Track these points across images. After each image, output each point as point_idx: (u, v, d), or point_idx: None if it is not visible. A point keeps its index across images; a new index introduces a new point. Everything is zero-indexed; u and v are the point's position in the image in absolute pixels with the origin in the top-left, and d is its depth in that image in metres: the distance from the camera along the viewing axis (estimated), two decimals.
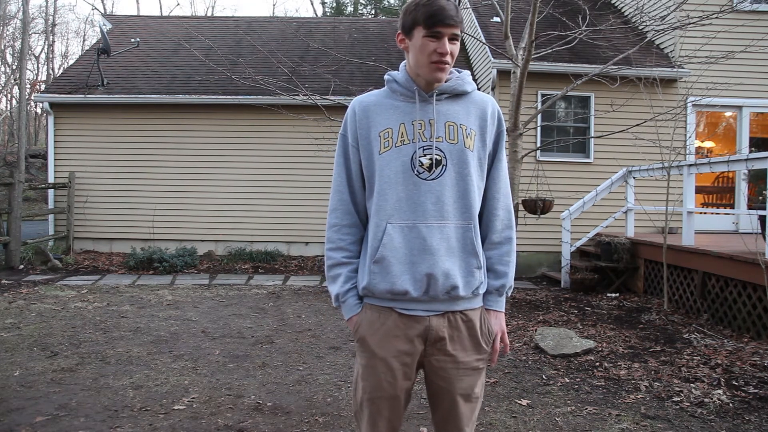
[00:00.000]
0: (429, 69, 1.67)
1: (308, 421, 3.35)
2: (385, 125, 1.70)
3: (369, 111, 1.74)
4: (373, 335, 1.72)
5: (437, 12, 1.62)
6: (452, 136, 1.69)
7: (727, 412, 3.55)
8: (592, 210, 8.20)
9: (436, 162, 1.67)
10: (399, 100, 1.74)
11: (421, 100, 1.71)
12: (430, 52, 1.65)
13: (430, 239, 1.65)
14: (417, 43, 1.66)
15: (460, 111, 1.72)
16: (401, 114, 1.71)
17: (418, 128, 1.69)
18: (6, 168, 21.00)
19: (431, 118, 1.69)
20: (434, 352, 1.72)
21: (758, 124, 9.75)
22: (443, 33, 1.64)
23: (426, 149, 1.67)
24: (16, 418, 3.33)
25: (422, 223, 1.66)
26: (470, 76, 1.79)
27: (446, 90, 1.72)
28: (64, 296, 6.80)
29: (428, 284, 1.66)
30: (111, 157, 10.22)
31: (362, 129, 1.73)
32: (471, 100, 1.76)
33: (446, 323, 1.71)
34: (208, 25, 13.86)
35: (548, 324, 5.70)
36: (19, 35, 27.38)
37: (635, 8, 9.90)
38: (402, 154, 1.68)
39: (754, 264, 5.05)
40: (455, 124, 1.70)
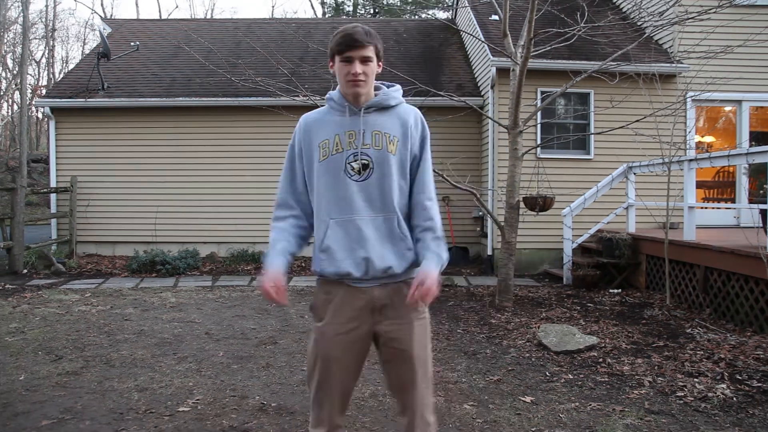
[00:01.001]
0: (347, 86, 1.98)
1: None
2: (324, 137, 2.02)
3: (311, 125, 2.06)
4: (325, 305, 2.02)
5: (344, 40, 1.95)
6: (377, 143, 2.00)
7: (731, 407, 3.56)
8: (593, 206, 8.20)
9: (364, 166, 1.98)
10: (335, 115, 2.05)
11: (351, 114, 2.02)
12: (345, 74, 1.97)
13: (365, 229, 1.97)
14: (337, 68, 2.00)
15: (386, 121, 2.03)
16: (336, 126, 2.02)
17: (350, 138, 2.00)
18: (8, 173, 21.04)
19: (361, 129, 2.00)
20: (381, 319, 2.01)
21: (758, 118, 9.74)
22: (353, 57, 1.95)
23: (356, 155, 1.99)
24: (21, 422, 3.34)
25: (356, 216, 1.97)
26: (398, 92, 2.10)
27: (374, 104, 2.03)
28: (67, 300, 6.82)
29: (367, 266, 1.97)
30: (112, 160, 10.25)
31: (305, 141, 2.06)
32: (396, 112, 2.06)
33: (387, 292, 2.00)
34: (207, 27, 13.89)
35: (551, 321, 5.70)
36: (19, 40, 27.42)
37: (633, 4, 9.89)
38: (337, 160, 1.99)
39: (756, 258, 5.05)
40: (380, 132, 2.01)
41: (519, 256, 8.57)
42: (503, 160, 8.44)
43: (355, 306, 1.99)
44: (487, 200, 8.93)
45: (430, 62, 11.24)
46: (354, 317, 1.99)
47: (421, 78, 9.51)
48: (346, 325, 1.99)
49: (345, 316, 1.99)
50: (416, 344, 2.01)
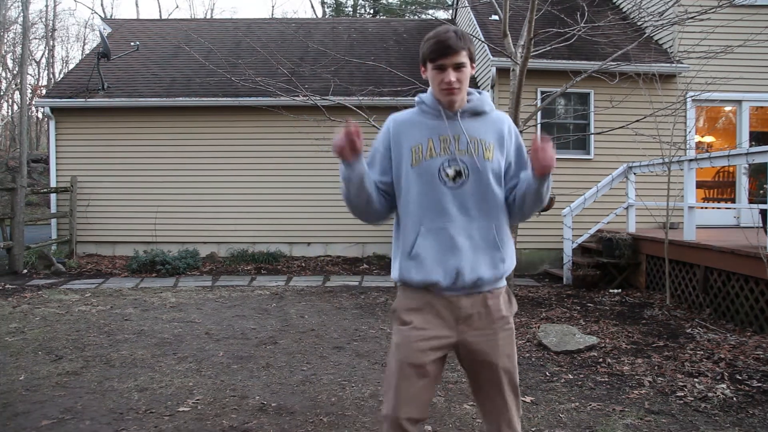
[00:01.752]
0: (441, 95, 1.94)
1: (313, 421, 3.37)
2: (416, 141, 1.96)
3: (401, 127, 1.99)
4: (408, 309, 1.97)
5: (437, 48, 1.89)
6: (473, 149, 1.94)
7: (731, 407, 3.56)
8: (593, 206, 8.20)
9: (458, 172, 1.93)
10: (428, 119, 1.98)
11: (446, 118, 1.96)
12: (438, 82, 1.92)
13: (457, 238, 1.91)
14: (429, 75, 1.95)
15: (480, 127, 1.98)
16: (429, 130, 1.96)
17: (444, 143, 1.94)
18: (8, 173, 21.04)
19: (456, 134, 1.95)
20: (465, 329, 1.95)
21: (758, 118, 9.74)
22: (446, 65, 1.89)
23: (451, 161, 1.93)
24: (21, 422, 3.34)
25: (450, 225, 1.92)
26: (489, 97, 2.04)
27: (468, 109, 1.98)
28: (67, 300, 6.82)
29: (456, 277, 1.91)
30: (112, 160, 10.25)
31: (396, 142, 1.98)
32: (489, 118, 2.01)
33: (473, 302, 1.95)
34: (207, 27, 13.89)
35: (551, 321, 5.70)
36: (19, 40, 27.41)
37: (633, 4, 9.89)
38: (430, 166, 1.93)
39: (756, 258, 5.05)
40: (476, 138, 1.96)
41: (519, 256, 8.56)
42: None
43: (441, 314, 1.94)
44: None
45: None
46: (439, 325, 1.94)
47: (421, 78, 9.50)
48: (431, 332, 1.93)
49: (430, 323, 1.93)
50: (501, 354, 1.96)
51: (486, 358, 1.95)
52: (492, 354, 1.95)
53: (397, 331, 1.99)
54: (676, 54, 8.77)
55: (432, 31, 1.96)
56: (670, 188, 6.65)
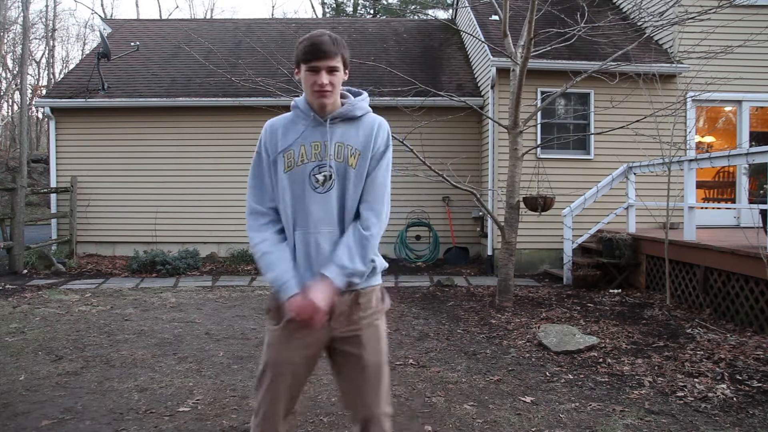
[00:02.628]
0: (313, 96, 1.95)
1: (313, 422, 3.37)
2: (289, 145, 1.99)
3: (277, 132, 2.02)
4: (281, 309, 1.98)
5: (311, 49, 1.90)
6: (339, 155, 1.97)
7: (731, 407, 3.56)
8: (593, 206, 8.20)
9: (326, 177, 1.96)
10: (301, 124, 2.01)
11: (316, 124, 1.99)
12: (311, 84, 1.93)
13: (322, 243, 1.96)
14: (303, 77, 1.96)
15: (350, 132, 2.00)
16: (301, 136, 1.99)
17: (315, 149, 1.97)
18: (8, 173, 21.05)
19: (326, 140, 1.97)
20: (336, 326, 2.00)
21: (758, 119, 9.74)
22: (319, 67, 1.91)
23: (321, 167, 1.96)
24: (22, 422, 3.34)
25: (315, 229, 1.96)
26: (365, 101, 2.06)
27: (339, 115, 1.99)
28: (67, 300, 6.82)
29: None
30: (112, 160, 10.26)
31: (271, 148, 2.02)
32: (361, 123, 2.02)
33: (345, 300, 1.99)
34: (207, 27, 13.89)
35: (551, 321, 5.70)
36: (19, 40, 27.42)
37: (633, 4, 9.89)
38: (302, 171, 1.96)
39: (756, 258, 5.05)
40: (343, 144, 1.98)
41: (519, 256, 8.57)
42: (503, 160, 8.45)
43: None
44: (487, 200, 8.93)
45: (430, 62, 11.25)
46: None
47: (421, 78, 9.51)
48: (302, 331, 1.96)
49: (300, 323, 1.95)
50: (369, 348, 2.01)
51: (354, 351, 2.01)
52: (359, 348, 2.00)
53: (268, 330, 2.04)
54: (676, 54, 8.78)
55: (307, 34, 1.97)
56: (670, 188, 6.65)
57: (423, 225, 10.12)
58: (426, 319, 5.95)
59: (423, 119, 7.13)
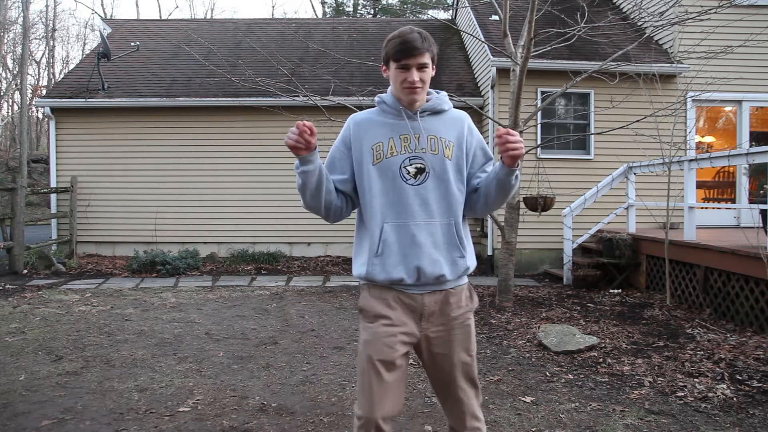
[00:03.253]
0: (403, 93, 1.98)
1: (313, 422, 3.37)
2: (377, 139, 2.00)
3: (361, 126, 2.04)
4: (374, 306, 2.00)
5: (402, 47, 1.92)
6: (434, 147, 1.99)
7: (731, 407, 3.56)
8: (593, 206, 8.20)
9: (420, 170, 1.97)
10: (388, 118, 2.03)
11: (407, 117, 2.00)
12: (401, 81, 1.96)
13: (418, 235, 1.95)
14: (392, 74, 1.99)
15: (440, 126, 2.03)
16: (390, 129, 2.00)
17: (404, 142, 1.98)
18: (8, 173, 21.05)
19: (417, 133, 1.99)
20: (427, 326, 2.01)
21: (758, 119, 9.75)
22: (410, 65, 1.93)
23: (412, 159, 1.97)
24: (22, 422, 3.34)
25: (411, 221, 1.95)
26: (447, 97, 2.09)
27: (428, 108, 2.02)
28: (68, 300, 6.82)
29: (418, 274, 1.96)
30: (112, 160, 10.25)
31: (356, 142, 2.02)
32: (449, 116, 2.07)
33: (436, 299, 2.00)
34: (207, 27, 13.89)
35: (551, 321, 5.70)
36: (19, 40, 27.42)
37: (633, 4, 9.89)
38: (392, 164, 1.97)
39: (756, 258, 5.05)
40: (436, 137, 2.00)
41: (519, 256, 8.57)
42: None
43: (407, 310, 1.99)
44: None
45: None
46: (405, 321, 1.99)
47: None
48: (398, 328, 1.97)
49: (397, 319, 1.98)
50: (459, 349, 2.02)
51: (444, 352, 2.01)
52: (450, 348, 2.01)
53: (365, 328, 2.03)
54: (677, 54, 8.78)
55: (395, 31, 1.98)
56: (671, 188, 6.65)
57: None
58: None
59: None
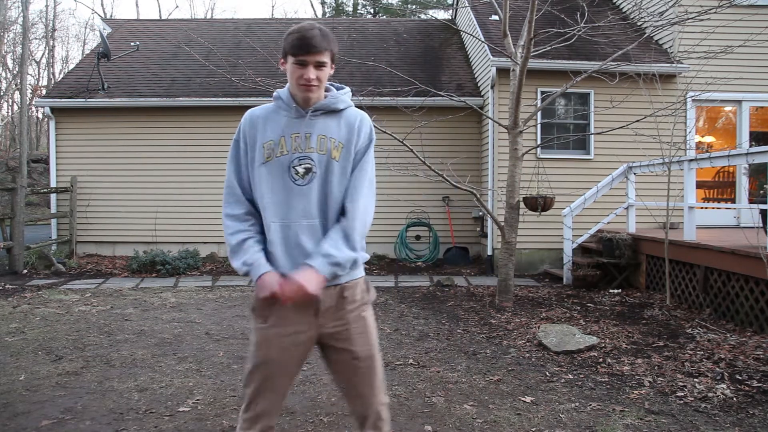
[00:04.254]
0: (298, 90, 1.94)
1: (313, 421, 3.37)
2: (269, 137, 1.98)
3: (256, 122, 2.01)
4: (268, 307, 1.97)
5: (301, 43, 1.88)
6: (322, 147, 1.96)
7: (731, 407, 3.56)
8: (593, 206, 8.20)
9: (307, 170, 1.95)
10: (282, 115, 2.00)
11: (298, 116, 1.98)
12: (297, 77, 1.92)
13: (301, 235, 1.94)
14: (289, 68, 1.94)
15: (332, 125, 1.99)
16: (282, 128, 1.98)
17: (295, 141, 1.96)
18: (8, 173, 21.05)
19: (308, 132, 1.96)
20: (324, 321, 1.98)
21: (758, 119, 9.75)
22: (308, 61, 1.90)
23: (301, 159, 1.95)
24: (22, 422, 3.34)
25: (295, 222, 1.94)
26: (347, 95, 2.05)
27: (321, 107, 1.98)
28: (67, 300, 6.82)
29: None
30: (112, 160, 10.25)
31: (250, 138, 2.01)
32: (344, 116, 2.02)
33: (330, 294, 1.97)
34: (207, 27, 13.89)
35: (551, 321, 5.70)
36: (19, 40, 27.43)
37: (633, 4, 9.89)
38: (281, 162, 1.95)
39: (756, 258, 5.05)
40: (326, 137, 1.97)
41: (519, 256, 8.57)
42: (503, 160, 8.44)
43: (299, 309, 1.94)
44: (487, 200, 8.93)
45: (430, 62, 11.25)
46: (298, 320, 1.96)
47: (421, 78, 9.51)
48: (290, 328, 1.95)
49: (289, 320, 1.96)
50: (358, 341, 2.00)
51: (344, 346, 2.00)
52: (349, 342, 2.00)
53: (256, 329, 2.00)
54: (677, 54, 8.77)
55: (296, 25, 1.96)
56: (670, 188, 6.65)
57: (423, 225, 10.12)
58: (426, 319, 5.95)
59: (423, 119, 7.13)
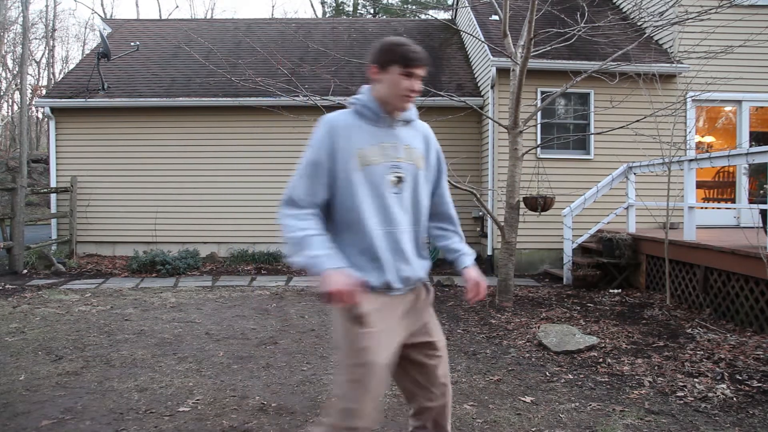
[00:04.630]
0: (400, 101, 2.01)
1: (313, 421, 3.36)
2: (359, 145, 2.00)
3: (342, 131, 2.01)
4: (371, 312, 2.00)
5: (414, 56, 1.97)
6: (409, 157, 2.06)
7: (731, 407, 3.56)
8: (593, 206, 8.20)
9: (399, 179, 2.02)
10: (366, 123, 2.03)
11: (386, 126, 2.05)
12: (403, 87, 1.98)
13: (402, 242, 2.04)
14: (391, 78, 1.98)
15: (411, 136, 2.11)
16: (371, 137, 2.02)
17: (384, 149, 2.01)
18: (8, 173, 21.05)
19: (395, 141, 2.04)
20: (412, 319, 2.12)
21: (758, 119, 9.75)
22: (415, 73, 1.99)
23: (393, 168, 2.01)
24: (22, 422, 3.34)
25: (396, 229, 2.02)
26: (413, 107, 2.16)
27: (404, 118, 2.09)
28: (67, 300, 6.82)
29: (408, 277, 2.08)
30: (112, 160, 10.26)
31: (338, 145, 1.99)
32: (415, 126, 2.16)
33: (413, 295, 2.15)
34: (207, 27, 13.89)
35: (551, 321, 5.70)
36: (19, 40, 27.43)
37: (633, 4, 9.89)
38: (377, 171, 1.99)
39: (756, 258, 5.05)
40: (410, 147, 2.08)
41: (519, 256, 8.57)
42: (503, 160, 8.45)
43: (396, 314, 2.06)
44: (487, 200, 8.93)
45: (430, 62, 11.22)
46: (396, 324, 2.06)
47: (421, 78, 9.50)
48: (391, 332, 2.03)
49: (390, 324, 2.03)
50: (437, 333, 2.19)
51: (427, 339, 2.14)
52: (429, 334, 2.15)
53: (357, 335, 1.97)
54: (677, 54, 8.78)
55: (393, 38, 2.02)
56: (670, 188, 6.65)
57: None
58: None
59: (423, 119, 7.10)
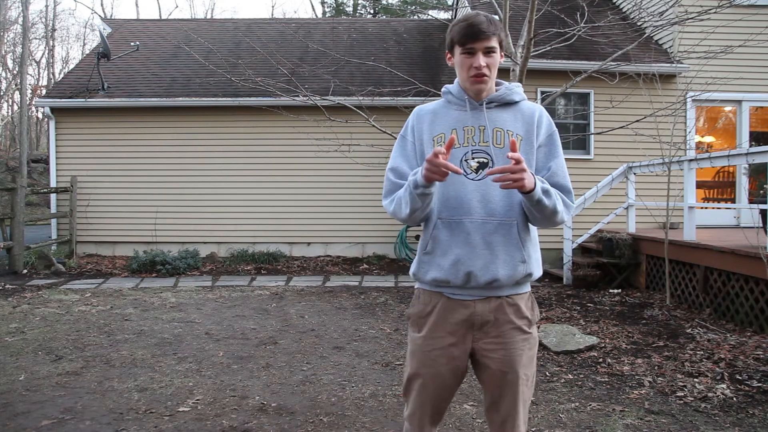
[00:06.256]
0: (469, 82, 1.86)
1: (313, 422, 3.37)
2: (439, 131, 1.89)
3: (425, 117, 1.93)
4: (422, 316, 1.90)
5: (468, 30, 1.81)
6: (499, 140, 1.86)
7: (731, 407, 3.56)
8: (593, 206, 8.20)
9: (482, 164, 1.83)
10: (453, 109, 1.92)
11: (471, 108, 1.88)
12: (467, 67, 1.83)
13: (473, 234, 1.80)
14: (457, 61, 1.87)
15: (508, 118, 1.88)
16: (453, 121, 1.89)
17: (468, 134, 1.86)
18: (8, 173, 21.05)
19: (481, 125, 1.86)
20: (481, 336, 1.86)
21: (758, 119, 9.75)
22: (476, 48, 1.81)
23: (475, 152, 1.85)
24: (22, 422, 3.34)
25: (467, 218, 1.81)
26: (520, 88, 1.95)
27: (495, 99, 1.89)
28: (67, 300, 6.82)
29: (468, 276, 1.81)
30: (112, 160, 10.25)
31: (417, 132, 1.93)
32: (519, 108, 1.91)
33: (490, 307, 1.84)
34: (207, 27, 13.89)
35: (551, 321, 5.70)
36: (19, 40, 27.43)
37: (633, 4, 9.89)
38: (452, 157, 1.81)
39: (756, 258, 5.05)
40: (503, 129, 1.86)
41: None
42: None
43: (454, 320, 1.84)
44: None
45: (430, 62, 11.24)
46: (452, 332, 1.85)
47: (421, 78, 9.51)
48: (444, 341, 1.85)
49: (443, 331, 1.85)
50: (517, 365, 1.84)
51: (500, 367, 1.83)
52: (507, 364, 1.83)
53: (410, 339, 1.95)
54: (676, 54, 8.78)
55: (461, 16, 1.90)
56: (670, 188, 6.65)
57: None
58: None
59: None
